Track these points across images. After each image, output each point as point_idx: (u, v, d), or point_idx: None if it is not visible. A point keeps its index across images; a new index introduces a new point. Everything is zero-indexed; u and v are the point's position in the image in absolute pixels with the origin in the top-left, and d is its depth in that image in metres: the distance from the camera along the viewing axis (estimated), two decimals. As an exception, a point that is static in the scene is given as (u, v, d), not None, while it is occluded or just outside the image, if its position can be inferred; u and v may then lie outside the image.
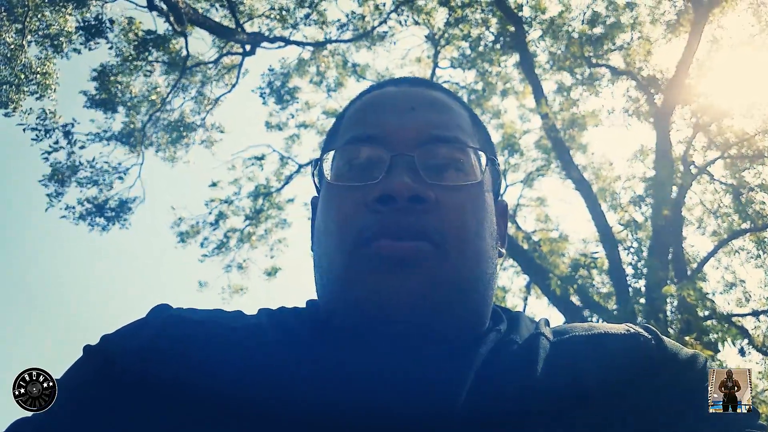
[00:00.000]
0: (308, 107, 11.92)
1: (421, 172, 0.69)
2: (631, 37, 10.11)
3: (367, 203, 0.68)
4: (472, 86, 11.53)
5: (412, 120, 0.73)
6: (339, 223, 0.70)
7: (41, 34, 10.09)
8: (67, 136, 9.14)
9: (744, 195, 10.05)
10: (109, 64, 9.97)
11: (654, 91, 9.65)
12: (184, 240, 11.30)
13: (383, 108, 0.76)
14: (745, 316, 10.40)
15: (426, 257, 0.65)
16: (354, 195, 0.70)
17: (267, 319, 0.73)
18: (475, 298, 0.70)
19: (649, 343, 0.70)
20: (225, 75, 11.05)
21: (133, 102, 10.42)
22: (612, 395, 0.64)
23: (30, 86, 10.03)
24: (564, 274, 7.37)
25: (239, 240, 11.46)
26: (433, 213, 0.67)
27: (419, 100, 0.76)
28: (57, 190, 9.46)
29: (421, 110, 0.74)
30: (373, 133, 0.73)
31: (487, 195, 0.75)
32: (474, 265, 0.69)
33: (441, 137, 0.72)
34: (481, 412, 0.61)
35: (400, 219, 0.66)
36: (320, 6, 10.21)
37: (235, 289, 11.66)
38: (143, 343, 0.68)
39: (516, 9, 9.51)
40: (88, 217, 9.61)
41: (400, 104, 0.75)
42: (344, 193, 0.71)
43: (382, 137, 0.72)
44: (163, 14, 9.25)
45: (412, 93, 0.78)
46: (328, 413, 0.60)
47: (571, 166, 8.98)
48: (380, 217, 0.67)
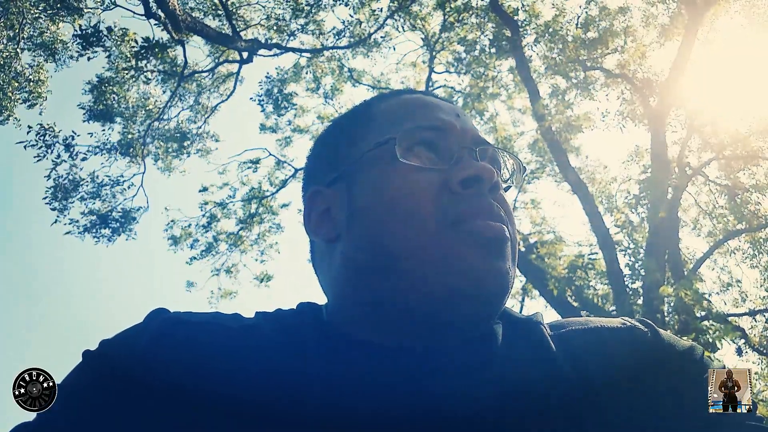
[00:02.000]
0: (303, 111, 11.97)
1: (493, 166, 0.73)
2: (624, 40, 10.17)
3: (450, 185, 0.68)
4: (467, 90, 11.60)
5: (464, 122, 0.75)
6: (418, 203, 0.67)
7: (35, 42, 10.10)
8: (68, 149, 9.09)
9: (739, 196, 10.11)
10: (104, 76, 9.98)
11: (648, 93, 9.71)
12: (177, 243, 11.28)
13: (434, 107, 0.76)
14: (742, 315, 10.47)
15: (509, 241, 0.68)
16: (429, 176, 0.69)
17: (265, 321, 0.73)
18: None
19: (646, 336, 0.71)
20: (222, 84, 11.09)
21: (130, 112, 10.44)
22: (609, 389, 0.65)
23: (22, 94, 10.04)
24: (561, 275, 7.41)
25: (230, 244, 11.40)
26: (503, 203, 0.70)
27: (461, 111, 0.78)
28: (61, 205, 9.42)
29: (464, 117, 0.77)
30: (437, 125, 0.73)
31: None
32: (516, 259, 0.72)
33: (487, 142, 0.76)
34: (488, 407, 0.61)
35: (486, 202, 0.68)
36: (317, 16, 10.26)
37: (225, 293, 11.60)
38: (142, 348, 0.68)
39: (511, 13, 9.58)
40: (92, 230, 9.58)
41: (446, 108, 0.77)
42: (414, 174, 0.69)
43: (445, 130, 0.73)
44: (160, 22, 9.29)
45: (448, 105, 0.79)
46: (337, 415, 0.60)
47: (567, 168, 9.02)
48: (469, 198, 0.67)
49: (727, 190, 10.41)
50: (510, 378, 0.64)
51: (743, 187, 10.13)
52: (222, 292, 11.54)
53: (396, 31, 10.64)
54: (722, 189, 10.59)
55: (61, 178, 9.26)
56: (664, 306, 7.60)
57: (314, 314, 0.74)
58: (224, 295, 11.55)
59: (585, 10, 10.19)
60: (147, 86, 10.51)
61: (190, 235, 11.23)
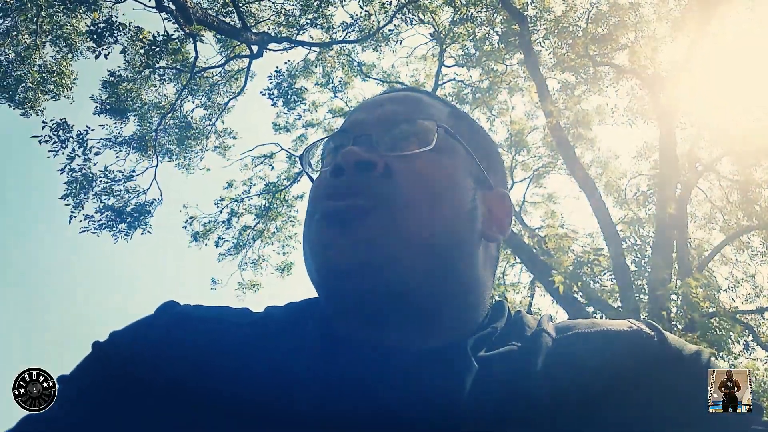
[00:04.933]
0: (315, 107, 12.05)
1: (376, 146, 0.72)
2: (635, 35, 10.10)
3: (326, 180, 0.73)
4: (477, 84, 11.59)
5: (377, 112, 0.78)
6: (309, 204, 0.75)
7: (55, 34, 10.23)
8: (82, 144, 9.17)
9: (750, 192, 10.03)
10: (117, 72, 10.08)
11: (658, 89, 9.64)
12: (198, 239, 11.49)
13: (359, 109, 0.81)
14: (751, 313, 10.41)
15: (365, 213, 0.67)
16: (321, 178, 0.76)
17: (272, 316, 0.75)
18: (439, 262, 0.68)
19: (652, 340, 0.70)
20: (233, 79, 11.17)
21: (144, 109, 10.54)
22: (616, 392, 0.65)
23: (47, 86, 10.17)
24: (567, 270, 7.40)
25: (252, 237, 11.63)
26: (382, 178, 0.70)
27: (390, 99, 0.80)
28: (76, 201, 9.49)
29: (388, 105, 0.79)
30: (345, 127, 0.79)
31: (449, 165, 0.74)
32: (431, 225, 0.68)
33: (399, 120, 0.76)
34: (480, 410, 0.61)
35: (343, 182, 0.70)
36: (326, 10, 10.29)
37: (249, 285, 11.89)
38: (151, 341, 0.69)
39: (521, 8, 9.54)
40: (109, 225, 9.64)
41: (372, 103, 0.81)
42: (316, 180, 0.77)
43: (350, 129, 0.77)
44: (171, 15, 9.36)
45: (388, 95, 0.82)
46: (334, 412, 0.61)
47: (575, 163, 8.99)
48: (331, 185, 0.71)
49: (739, 186, 10.33)
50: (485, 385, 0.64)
51: (756, 183, 10.05)
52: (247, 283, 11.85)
53: (405, 25, 10.64)
54: (733, 185, 10.52)
55: (75, 171, 9.34)
56: (671, 302, 7.57)
57: (318, 310, 0.75)
58: (249, 287, 11.87)
59: (595, 5, 10.14)
60: (160, 83, 10.61)
61: (210, 231, 11.41)
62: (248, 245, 11.72)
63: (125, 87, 10.17)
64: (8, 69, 9.95)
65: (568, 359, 0.68)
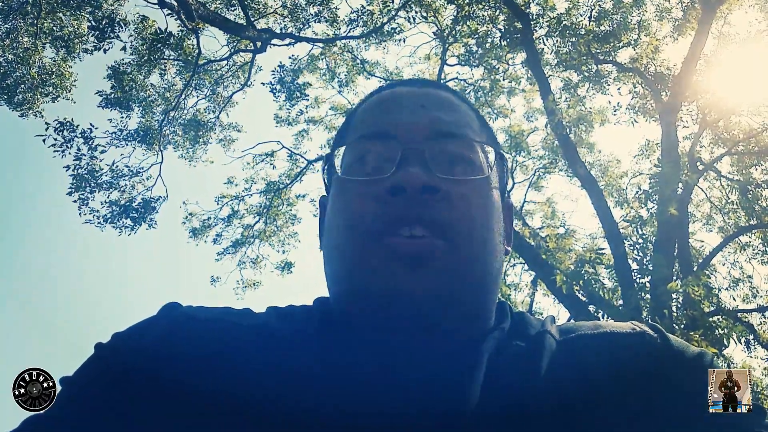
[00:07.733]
0: (317, 103, 12.04)
1: (431, 166, 0.69)
2: (638, 34, 10.11)
3: (379, 196, 0.68)
4: (479, 83, 11.59)
5: (422, 117, 0.74)
6: (351, 216, 0.70)
7: (55, 35, 10.20)
8: (87, 142, 9.15)
9: (751, 191, 10.04)
10: (123, 61, 10.07)
11: (661, 87, 9.65)
12: (196, 235, 11.48)
13: (394, 106, 0.77)
14: (752, 312, 10.42)
15: (439, 253, 0.66)
16: (365, 189, 0.70)
17: (275, 317, 0.74)
18: (483, 293, 0.70)
19: (655, 342, 0.71)
20: (237, 72, 11.16)
21: (148, 102, 10.54)
22: (619, 394, 0.65)
23: (46, 88, 10.15)
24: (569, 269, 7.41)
25: (252, 236, 11.63)
26: (443, 203, 0.68)
27: (429, 99, 0.77)
28: (82, 197, 9.51)
29: (430, 108, 0.76)
30: (384, 129, 0.74)
31: (494, 191, 0.75)
32: (483, 259, 0.70)
33: (450, 133, 0.74)
34: (488, 411, 0.61)
35: (411, 209, 0.67)
36: (331, 3, 10.28)
37: (249, 284, 11.89)
38: (153, 342, 0.69)
39: (523, 6, 9.54)
40: (113, 220, 9.66)
41: (410, 102, 0.77)
42: (355, 188, 0.72)
43: (393, 133, 0.73)
44: (173, 11, 9.35)
45: (421, 92, 0.79)
46: (337, 413, 0.61)
47: (577, 162, 8.99)
48: (391, 208, 0.67)
49: (739, 186, 10.34)
50: (492, 386, 0.64)
51: (755, 183, 10.06)
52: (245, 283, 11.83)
53: (408, 23, 10.64)
54: (734, 184, 10.53)
55: (80, 168, 9.33)
56: (673, 301, 7.58)
57: (321, 310, 0.75)
58: (249, 285, 11.87)
59: (598, 3, 10.13)
60: (165, 76, 10.60)
61: (209, 227, 11.41)
62: (247, 243, 11.71)
63: (130, 77, 10.15)
64: (7, 70, 9.93)
65: (572, 361, 0.68)
